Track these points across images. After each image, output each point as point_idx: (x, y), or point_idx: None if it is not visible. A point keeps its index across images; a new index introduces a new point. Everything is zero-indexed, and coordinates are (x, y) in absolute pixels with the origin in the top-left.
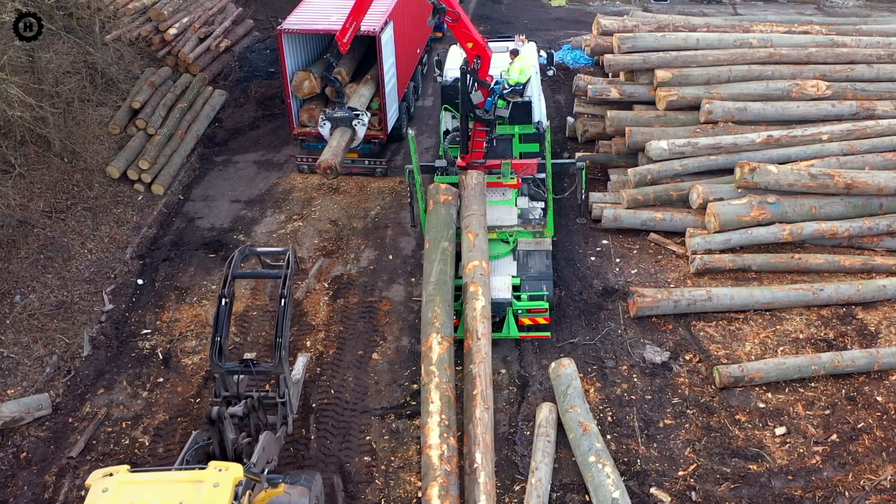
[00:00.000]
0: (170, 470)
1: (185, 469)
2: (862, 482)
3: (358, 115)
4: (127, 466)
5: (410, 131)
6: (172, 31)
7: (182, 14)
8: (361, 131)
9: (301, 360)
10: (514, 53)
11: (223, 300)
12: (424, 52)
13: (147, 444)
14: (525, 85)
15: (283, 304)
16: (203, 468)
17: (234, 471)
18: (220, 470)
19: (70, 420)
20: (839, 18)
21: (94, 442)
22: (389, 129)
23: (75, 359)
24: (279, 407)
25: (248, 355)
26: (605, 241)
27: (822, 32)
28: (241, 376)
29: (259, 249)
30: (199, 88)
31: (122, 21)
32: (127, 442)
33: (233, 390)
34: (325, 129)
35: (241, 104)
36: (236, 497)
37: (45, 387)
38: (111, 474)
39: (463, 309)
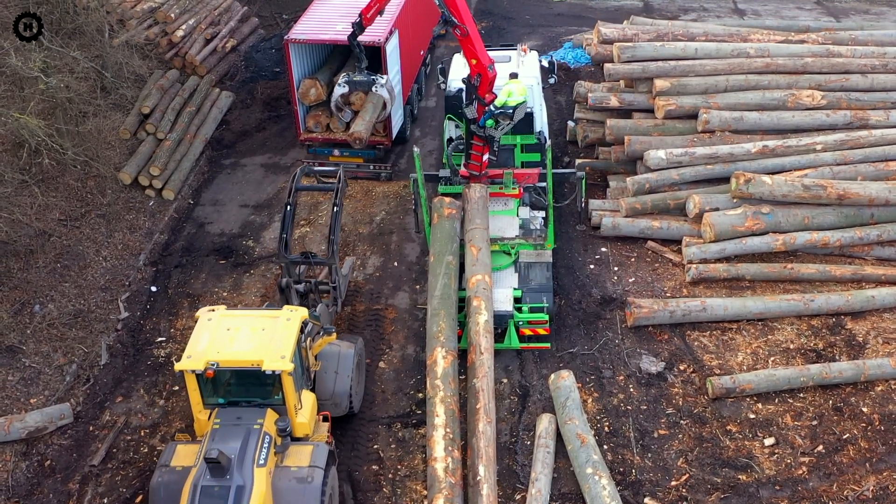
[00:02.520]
0: (255, 310)
1: (265, 310)
2: (846, 492)
3: (375, 80)
4: (224, 306)
5: (416, 148)
6: (179, 32)
7: (188, 15)
8: (385, 93)
9: (349, 261)
10: (513, 76)
11: (288, 206)
12: (428, 53)
13: None
14: (515, 109)
15: (335, 210)
16: (278, 309)
17: (302, 312)
18: (292, 311)
19: (91, 428)
20: (837, 24)
21: (115, 450)
22: (394, 135)
23: (94, 367)
24: (331, 291)
25: (307, 250)
26: (603, 249)
27: (819, 41)
28: (302, 266)
29: (316, 168)
30: (207, 91)
31: (129, 24)
32: (146, 450)
33: (295, 277)
34: (342, 90)
35: (247, 105)
36: (300, 341)
37: (65, 395)
38: (213, 310)
39: (466, 322)
